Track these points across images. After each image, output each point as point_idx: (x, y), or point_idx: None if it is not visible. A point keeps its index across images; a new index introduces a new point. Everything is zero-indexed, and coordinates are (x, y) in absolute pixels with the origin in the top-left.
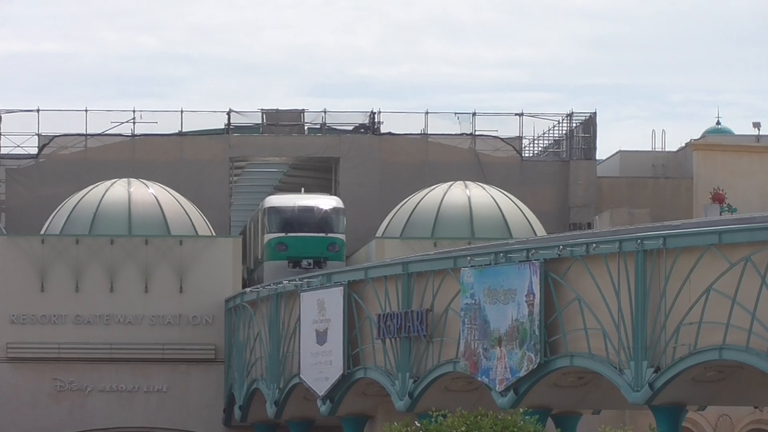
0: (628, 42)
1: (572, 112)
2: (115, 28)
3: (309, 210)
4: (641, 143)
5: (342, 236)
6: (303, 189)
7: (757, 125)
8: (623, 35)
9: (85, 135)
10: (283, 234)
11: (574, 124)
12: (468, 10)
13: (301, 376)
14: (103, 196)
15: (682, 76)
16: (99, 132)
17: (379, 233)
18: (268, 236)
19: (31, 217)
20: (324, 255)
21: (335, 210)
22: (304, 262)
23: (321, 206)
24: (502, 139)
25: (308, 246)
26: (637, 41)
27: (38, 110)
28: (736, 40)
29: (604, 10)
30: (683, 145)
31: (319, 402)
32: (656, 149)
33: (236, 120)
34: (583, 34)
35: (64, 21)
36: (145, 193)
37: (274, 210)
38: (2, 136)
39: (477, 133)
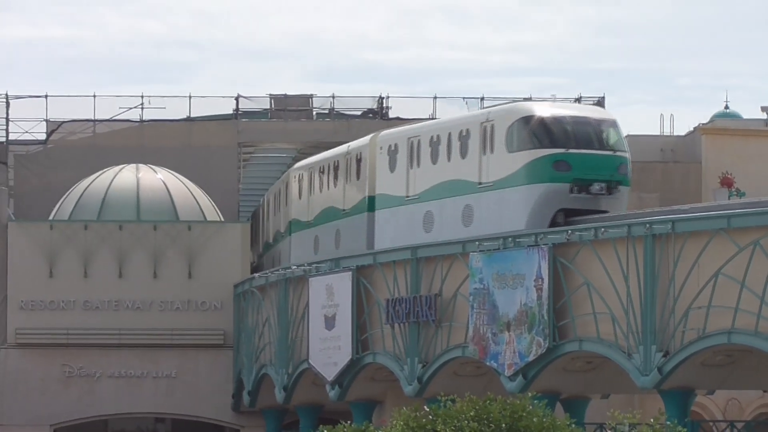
0: (635, 26)
1: (580, 97)
2: (122, 13)
3: (587, 122)
4: (649, 127)
5: (629, 156)
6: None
7: (765, 109)
8: (630, 19)
9: (94, 121)
10: (563, 150)
11: None
12: None
13: (309, 361)
14: (111, 182)
15: (690, 60)
16: (107, 118)
17: None
18: (534, 152)
19: (40, 202)
20: (615, 178)
21: (617, 123)
22: (596, 186)
23: (601, 118)
24: None
25: (598, 166)
26: (644, 25)
27: (46, 96)
28: (743, 23)
29: None
30: (692, 129)
31: (327, 387)
32: (664, 133)
33: (245, 105)
34: (590, 18)
35: (70, 7)
36: (153, 178)
37: (540, 120)
38: (10, 122)
39: None
